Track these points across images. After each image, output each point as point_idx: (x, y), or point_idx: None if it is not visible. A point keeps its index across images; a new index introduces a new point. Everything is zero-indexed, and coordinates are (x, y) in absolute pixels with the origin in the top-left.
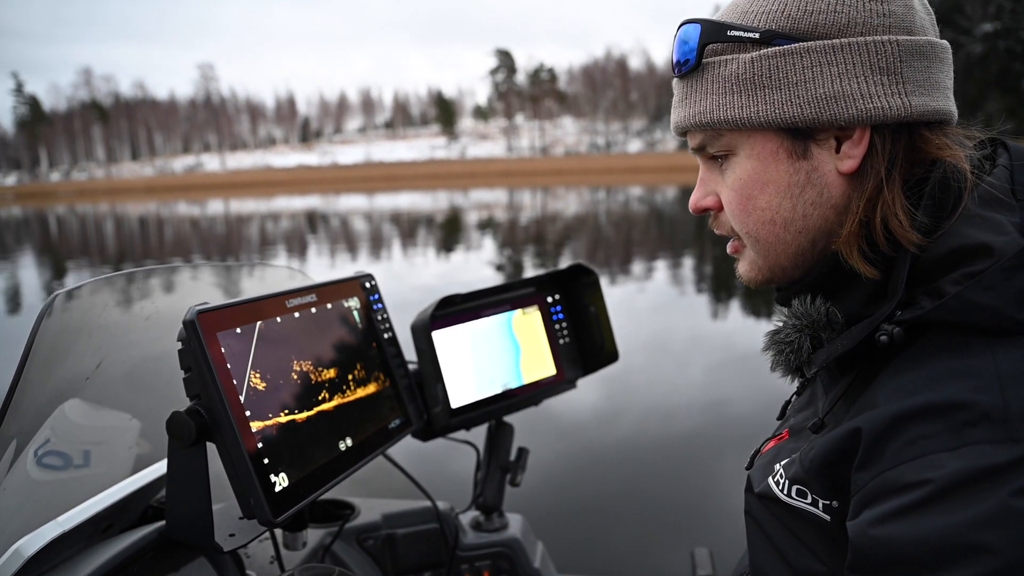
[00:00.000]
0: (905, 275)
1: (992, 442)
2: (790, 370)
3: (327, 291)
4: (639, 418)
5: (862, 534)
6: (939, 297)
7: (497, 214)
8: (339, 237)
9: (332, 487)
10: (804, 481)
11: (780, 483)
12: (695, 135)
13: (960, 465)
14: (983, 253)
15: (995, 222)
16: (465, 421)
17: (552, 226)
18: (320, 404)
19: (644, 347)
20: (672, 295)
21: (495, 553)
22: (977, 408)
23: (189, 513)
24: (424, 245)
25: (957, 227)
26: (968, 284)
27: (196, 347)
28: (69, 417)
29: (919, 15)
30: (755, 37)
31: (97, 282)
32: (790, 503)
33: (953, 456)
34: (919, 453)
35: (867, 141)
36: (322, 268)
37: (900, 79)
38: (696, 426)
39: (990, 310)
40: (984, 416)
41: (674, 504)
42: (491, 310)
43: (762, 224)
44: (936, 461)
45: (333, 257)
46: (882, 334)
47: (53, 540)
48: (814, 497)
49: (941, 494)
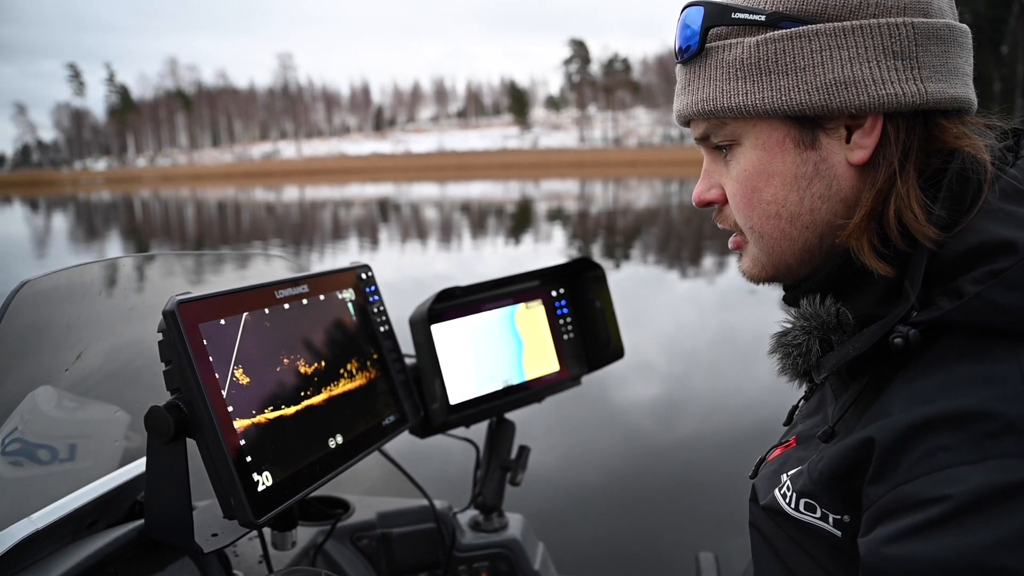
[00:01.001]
0: (922, 273)
1: (1017, 456)
2: (798, 374)
3: (320, 282)
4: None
5: (874, 552)
6: (959, 297)
7: (568, 205)
8: (410, 225)
9: (320, 486)
10: (812, 494)
11: (787, 496)
12: (698, 124)
13: (982, 480)
14: (1007, 250)
15: (1019, 217)
16: (464, 418)
17: (623, 218)
18: (309, 399)
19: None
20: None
21: (494, 554)
22: (1001, 418)
23: (168, 511)
24: (494, 234)
25: (977, 222)
26: (990, 283)
27: (176, 339)
28: (41, 407)
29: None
30: (761, 20)
31: (76, 269)
32: (798, 517)
33: (974, 470)
34: (937, 466)
35: (879, 130)
36: (392, 255)
37: (915, 64)
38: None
39: (1015, 311)
40: (1008, 427)
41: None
42: (493, 304)
43: (767, 218)
44: (956, 475)
45: (404, 244)
46: (897, 336)
47: (27, 538)
48: (823, 511)
49: (961, 512)
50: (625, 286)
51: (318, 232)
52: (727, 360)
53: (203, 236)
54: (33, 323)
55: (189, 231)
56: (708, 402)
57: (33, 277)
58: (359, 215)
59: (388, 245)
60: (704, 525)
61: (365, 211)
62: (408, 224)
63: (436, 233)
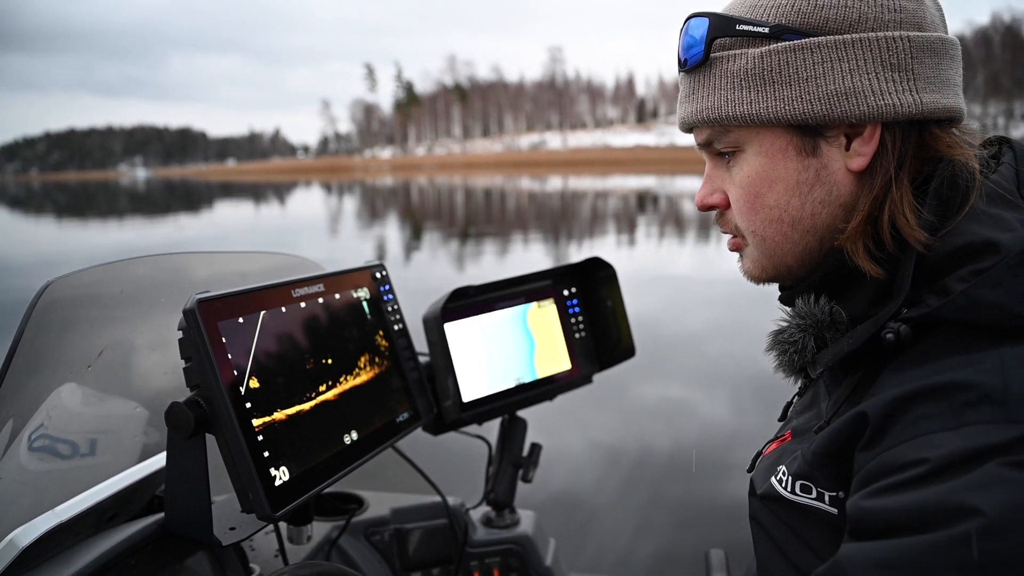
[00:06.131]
0: (911, 272)
1: (991, 423)
2: (794, 371)
3: (335, 281)
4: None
5: (855, 507)
6: (946, 295)
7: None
8: (667, 218)
9: (336, 482)
10: (808, 475)
11: (783, 480)
12: (702, 131)
13: (957, 445)
14: (990, 250)
15: (1002, 219)
16: (477, 415)
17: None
18: (324, 396)
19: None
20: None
21: (505, 550)
22: (979, 389)
23: (188, 506)
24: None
25: (964, 225)
26: (975, 281)
27: (196, 336)
28: (65, 403)
29: (929, 11)
30: (764, 32)
31: (100, 268)
32: (794, 500)
33: (952, 436)
34: (919, 433)
35: (878, 138)
36: (649, 248)
37: (912, 76)
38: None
39: (998, 307)
40: (985, 397)
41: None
42: (505, 303)
43: (769, 223)
44: (935, 440)
45: (660, 239)
46: (888, 332)
47: (52, 530)
48: (819, 491)
49: (935, 472)
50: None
51: (576, 222)
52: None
53: (469, 220)
54: (58, 321)
55: (458, 215)
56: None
57: (58, 276)
58: (616, 206)
59: (645, 237)
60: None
61: (623, 203)
62: (664, 217)
63: (693, 226)
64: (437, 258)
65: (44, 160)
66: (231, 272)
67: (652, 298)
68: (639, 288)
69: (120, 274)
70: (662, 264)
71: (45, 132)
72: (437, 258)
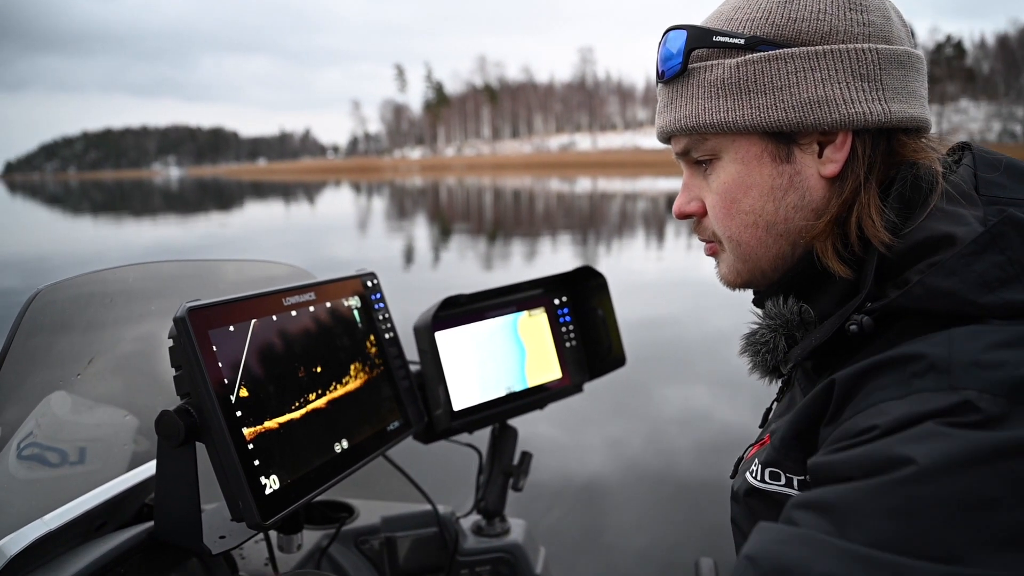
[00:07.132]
0: (873, 268)
1: (933, 390)
2: (768, 371)
3: (326, 289)
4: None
5: (811, 464)
6: (905, 286)
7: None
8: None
9: (326, 490)
10: (776, 461)
11: (755, 471)
12: (679, 140)
13: (903, 411)
14: (946, 243)
15: (958, 215)
16: (467, 424)
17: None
18: (315, 405)
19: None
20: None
21: (496, 559)
22: (927, 359)
23: (177, 514)
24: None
25: (924, 223)
26: (930, 271)
27: (186, 344)
28: (55, 411)
29: (896, 26)
30: (740, 43)
31: (90, 276)
32: (764, 488)
33: (900, 403)
34: (873, 403)
35: (849, 145)
36: (678, 250)
37: (880, 86)
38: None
39: (952, 295)
40: (931, 366)
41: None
42: (496, 311)
43: (745, 227)
44: (885, 408)
45: (689, 240)
46: (852, 324)
47: (40, 539)
48: (787, 476)
49: (882, 435)
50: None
51: (604, 224)
52: None
53: (498, 221)
54: (48, 329)
55: (486, 216)
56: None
57: (48, 284)
58: (645, 208)
59: (674, 238)
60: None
61: (651, 205)
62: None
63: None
64: (465, 258)
65: (81, 159)
66: (222, 280)
67: (680, 301)
68: (667, 291)
69: (110, 281)
70: (693, 266)
71: (82, 132)
72: (465, 258)
